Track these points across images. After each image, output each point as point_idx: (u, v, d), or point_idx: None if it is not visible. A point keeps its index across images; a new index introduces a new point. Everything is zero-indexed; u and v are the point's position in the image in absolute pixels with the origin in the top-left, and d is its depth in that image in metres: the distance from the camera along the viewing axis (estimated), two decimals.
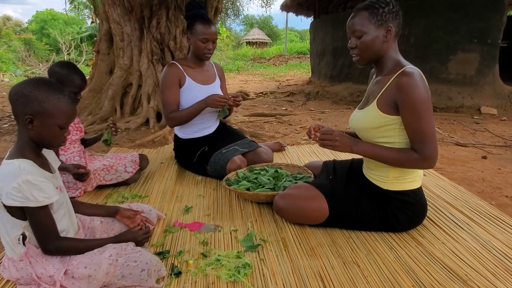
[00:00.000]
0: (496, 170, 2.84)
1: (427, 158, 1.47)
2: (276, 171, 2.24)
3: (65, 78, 2.00)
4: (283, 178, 2.16)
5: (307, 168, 2.29)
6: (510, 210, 2.13)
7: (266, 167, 2.34)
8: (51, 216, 1.23)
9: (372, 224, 1.69)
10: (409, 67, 1.50)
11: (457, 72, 5.60)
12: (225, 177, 2.20)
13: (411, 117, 1.46)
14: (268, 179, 2.14)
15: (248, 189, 2.04)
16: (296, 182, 2.08)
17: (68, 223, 1.34)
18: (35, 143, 1.24)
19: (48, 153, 1.36)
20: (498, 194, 2.38)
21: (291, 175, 2.23)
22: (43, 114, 1.18)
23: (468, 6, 5.39)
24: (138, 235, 1.45)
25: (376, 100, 1.56)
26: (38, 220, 1.20)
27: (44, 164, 1.28)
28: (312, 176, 2.15)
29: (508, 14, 5.54)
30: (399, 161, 1.53)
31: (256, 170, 2.31)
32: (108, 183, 2.29)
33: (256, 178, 2.17)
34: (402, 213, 1.63)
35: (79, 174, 2.04)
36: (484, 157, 3.16)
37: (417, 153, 1.48)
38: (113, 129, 2.35)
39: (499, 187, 2.49)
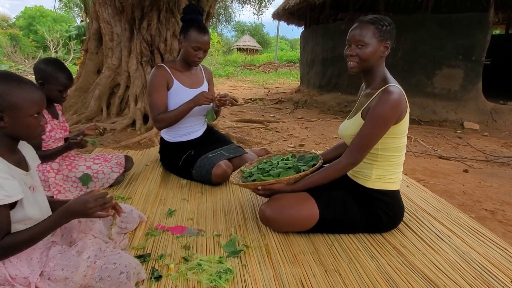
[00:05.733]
0: (476, 183, 2.90)
1: (352, 163, 1.65)
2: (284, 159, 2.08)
3: (49, 75, 1.95)
4: (296, 164, 1.97)
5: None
6: (489, 223, 2.18)
7: (271, 159, 2.13)
8: (7, 218, 1.14)
9: (359, 225, 1.74)
10: (392, 85, 1.60)
11: (442, 87, 5.74)
12: (235, 176, 2.00)
13: (365, 123, 1.61)
14: (285, 163, 1.98)
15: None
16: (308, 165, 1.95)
17: None
18: (11, 139, 1.20)
19: (26, 151, 1.32)
20: (477, 207, 2.43)
21: (298, 158, 2.08)
22: (11, 108, 1.14)
23: (455, 23, 5.55)
24: (89, 201, 1.21)
25: (361, 111, 1.68)
26: None
27: (19, 162, 1.24)
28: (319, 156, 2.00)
29: (492, 33, 5.71)
30: (329, 173, 1.70)
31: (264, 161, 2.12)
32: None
33: (271, 167, 1.99)
34: (384, 213, 1.71)
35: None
36: (466, 171, 3.23)
37: (345, 158, 1.65)
38: (100, 131, 2.30)
39: (479, 201, 2.54)
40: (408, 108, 1.64)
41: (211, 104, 2.41)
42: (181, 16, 2.41)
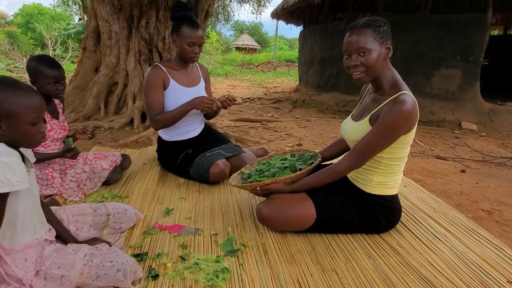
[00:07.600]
0: (473, 184, 2.91)
1: (353, 167, 1.63)
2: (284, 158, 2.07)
3: (34, 71, 1.93)
4: (293, 163, 1.96)
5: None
6: (485, 223, 2.19)
7: (269, 160, 2.11)
8: (4, 209, 1.13)
9: (356, 226, 1.73)
10: (405, 93, 1.51)
11: (440, 87, 5.75)
12: (236, 177, 1.98)
13: (372, 131, 1.55)
14: (283, 163, 1.97)
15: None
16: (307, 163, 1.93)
17: (37, 220, 1.28)
18: (10, 146, 1.17)
19: (26, 151, 1.31)
20: (474, 208, 2.43)
21: (298, 158, 2.05)
22: (7, 116, 1.09)
23: (453, 24, 5.56)
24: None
25: (369, 116, 1.61)
26: None
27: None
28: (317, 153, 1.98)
29: (490, 34, 5.72)
30: (328, 175, 1.68)
31: (262, 162, 2.11)
32: (94, 190, 2.21)
33: (268, 168, 1.97)
34: (383, 216, 1.71)
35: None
36: (463, 171, 3.24)
37: (346, 162, 1.62)
38: (89, 133, 2.27)
39: (476, 201, 2.55)
40: (418, 116, 1.57)
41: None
42: (171, 15, 2.41)
